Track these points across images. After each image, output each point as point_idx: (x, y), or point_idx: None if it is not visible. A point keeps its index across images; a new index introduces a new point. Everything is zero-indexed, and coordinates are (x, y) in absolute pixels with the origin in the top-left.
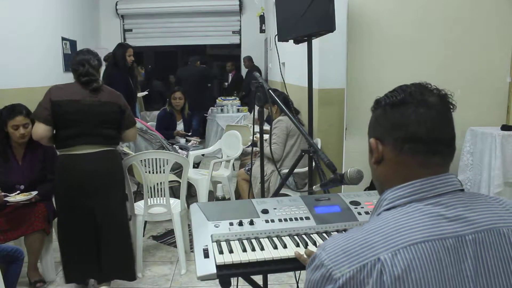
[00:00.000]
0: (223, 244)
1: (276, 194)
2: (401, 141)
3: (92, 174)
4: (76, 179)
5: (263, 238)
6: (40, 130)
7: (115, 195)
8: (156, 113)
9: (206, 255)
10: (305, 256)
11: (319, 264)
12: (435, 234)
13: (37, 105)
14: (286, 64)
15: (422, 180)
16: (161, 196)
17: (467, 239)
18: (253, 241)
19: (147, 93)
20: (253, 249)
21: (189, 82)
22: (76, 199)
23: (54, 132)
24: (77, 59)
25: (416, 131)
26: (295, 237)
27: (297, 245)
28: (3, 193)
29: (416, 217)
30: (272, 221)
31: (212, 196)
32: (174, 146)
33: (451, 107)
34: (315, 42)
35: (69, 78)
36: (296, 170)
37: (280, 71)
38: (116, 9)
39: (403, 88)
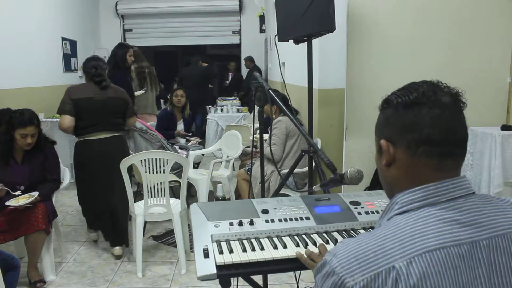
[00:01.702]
0: (223, 244)
1: (276, 194)
2: (415, 144)
3: (105, 154)
4: (93, 158)
5: (263, 238)
6: (67, 121)
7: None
8: None
9: (206, 255)
10: (305, 256)
11: (330, 272)
12: (450, 241)
13: (60, 103)
14: (286, 64)
15: (435, 184)
16: (161, 196)
17: (481, 244)
18: (253, 241)
19: (144, 91)
20: (253, 249)
21: (192, 81)
22: (92, 173)
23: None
24: (90, 64)
25: (431, 133)
26: (295, 237)
27: (297, 245)
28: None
29: (430, 222)
30: (272, 221)
31: (212, 196)
32: (174, 146)
33: (463, 105)
34: (315, 42)
35: (68, 77)
36: (296, 170)
37: (280, 71)
38: (116, 9)
39: (414, 87)
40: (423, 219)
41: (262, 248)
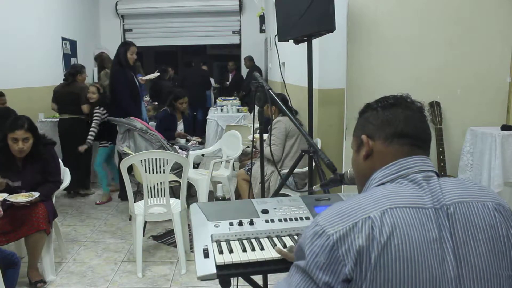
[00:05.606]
0: (223, 244)
1: (276, 194)
2: (391, 135)
3: (68, 128)
4: (62, 129)
5: (263, 238)
6: (52, 105)
7: (80, 140)
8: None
9: (206, 255)
10: (285, 251)
11: (314, 225)
12: (418, 203)
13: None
14: (286, 64)
15: (406, 159)
16: (161, 196)
17: (444, 210)
18: (253, 241)
19: (159, 73)
20: (253, 249)
21: (195, 81)
22: (63, 139)
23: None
24: (71, 71)
25: (404, 127)
26: (295, 237)
27: None
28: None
29: (402, 188)
30: (272, 221)
31: (212, 196)
32: (174, 146)
33: (426, 116)
34: (315, 42)
35: None
36: (296, 170)
37: (280, 71)
38: (116, 9)
39: (390, 96)
40: (396, 186)
41: (262, 248)
